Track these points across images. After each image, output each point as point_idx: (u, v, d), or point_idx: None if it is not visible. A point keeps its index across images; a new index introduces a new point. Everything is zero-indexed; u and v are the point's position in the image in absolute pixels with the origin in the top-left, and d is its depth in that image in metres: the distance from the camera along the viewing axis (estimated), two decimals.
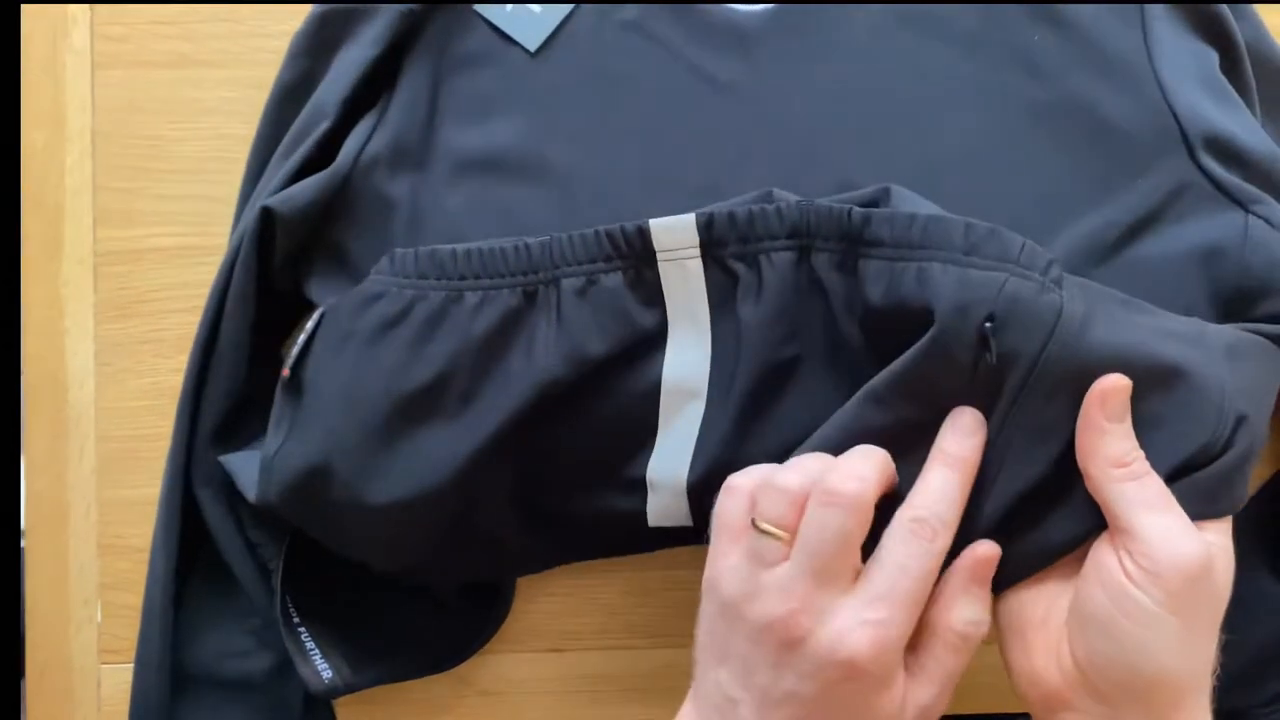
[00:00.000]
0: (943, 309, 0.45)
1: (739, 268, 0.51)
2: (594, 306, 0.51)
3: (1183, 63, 0.56)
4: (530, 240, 0.52)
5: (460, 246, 0.52)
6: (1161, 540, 0.43)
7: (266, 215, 0.55)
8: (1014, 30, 0.57)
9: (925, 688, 0.45)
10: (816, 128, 0.56)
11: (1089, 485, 0.46)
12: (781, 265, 0.50)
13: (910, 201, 0.51)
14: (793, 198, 0.52)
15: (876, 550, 0.44)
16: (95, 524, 0.61)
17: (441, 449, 0.51)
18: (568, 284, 0.51)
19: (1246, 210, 0.54)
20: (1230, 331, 0.50)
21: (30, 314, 0.61)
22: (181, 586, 0.58)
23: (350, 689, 0.57)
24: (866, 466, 0.45)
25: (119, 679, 0.60)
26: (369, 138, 0.56)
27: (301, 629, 0.56)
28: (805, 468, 0.45)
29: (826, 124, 0.56)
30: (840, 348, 0.51)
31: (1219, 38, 0.57)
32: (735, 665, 0.45)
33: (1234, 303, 0.54)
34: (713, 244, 0.51)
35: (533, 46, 0.57)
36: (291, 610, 0.56)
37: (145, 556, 0.58)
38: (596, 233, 0.51)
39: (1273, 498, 0.60)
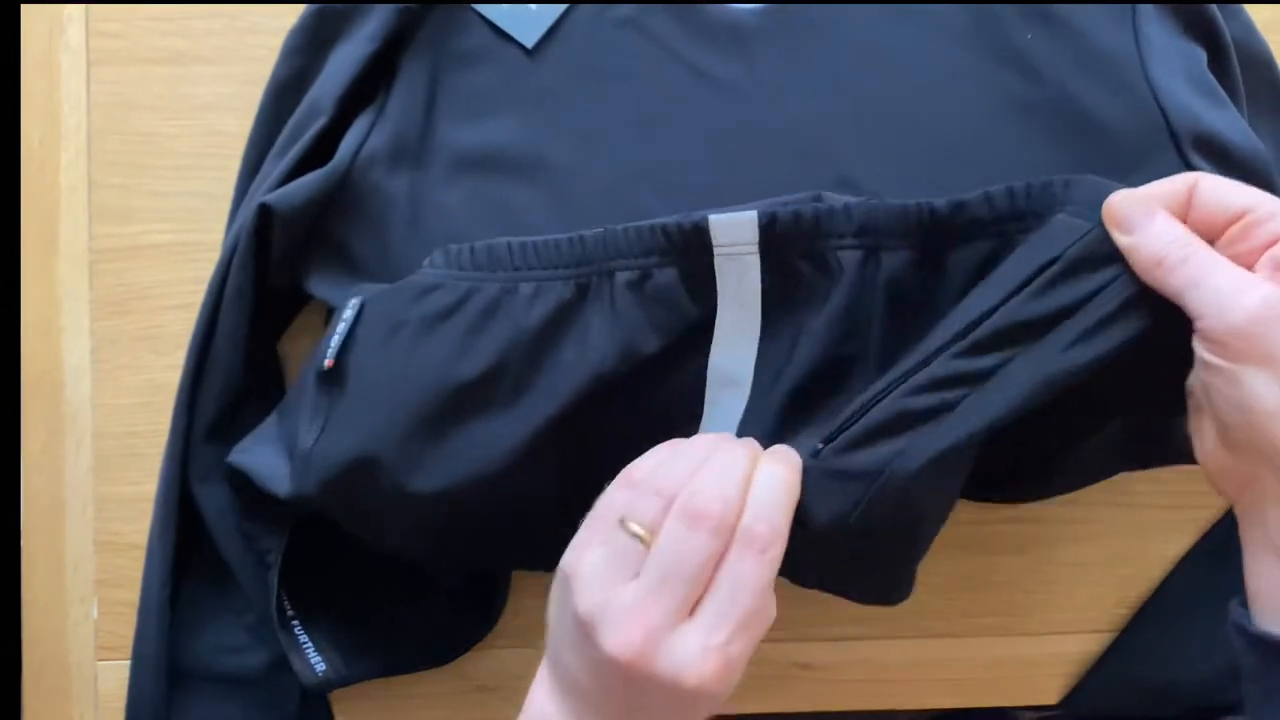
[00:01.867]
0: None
1: (804, 266, 0.51)
2: (648, 301, 0.51)
3: (1172, 62, 0.57)
4: (585, 233, 0.52)
5: (516, 240, 0.52)
6: (1212, 309, 0.42)
7: (264, 212, 0.55)
8: (1007, 29, 0.57)
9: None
10: (813, 124, 0.57)
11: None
12: (849, 264, 0.51)
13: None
14: (851, 199, 0.52)
15: (717, 569, 0.43)
16: (92, 521, 0.61)
17: (493, 438, 0.51)
18: (621, 277, 0.51)
19: None
20: None
21: (26, 311, 0.61)
22: (178, 583, 0.58)
23: (344, 682, 0.57)
24: (730, 486, 0.44)
25: (116, 676, 0.60)
26: (367, 135, 0.56)
27: (295, 622, 0.56)
28: (686, 462, 0.45)
29: (823, 120, 0.57)
30: (899, 348, 0.50)
31: (1207, 37, 0.57)
32: (586, 667, 0.43)
33: None
34: (775, 241, 0.51)
35: (530, 44, 0.57)
36: (286, 604, 0.56)
37: (142, 553, 0.58)
38: (652, 227, 0.51)
39: None
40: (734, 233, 0.51)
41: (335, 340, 0.53)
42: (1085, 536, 0.62)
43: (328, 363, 0.52)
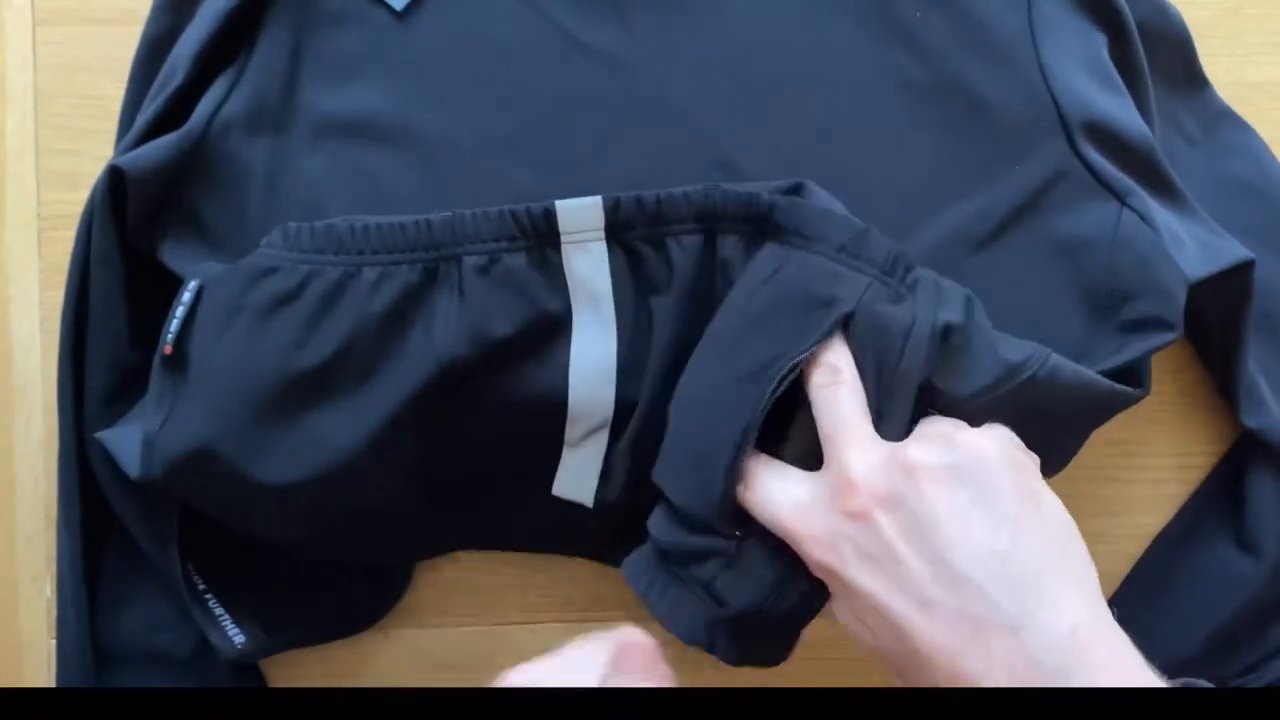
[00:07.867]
0: (816, 298, 0.47)
1: (646, 250, 0.51)
2: (497, 286, 0.50)
3: (1068, 46, 0.55)
4: (432, 216, 0.50)
5: (359, 221, 0.50)
6: None
7: (116, 175, 0.53)
8: (898, 6, 0.55)
9: None
10: (692, 100, 0.55)
11: None
12: (690, 248, 0.51)
13: (822, 199, 0.51)
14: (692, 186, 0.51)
15: None
16: (43, 497, 0.60)
17: (338, 430, 0.50)
18: (469, 262, 0.50)
19: (1122, 202, 0.54)
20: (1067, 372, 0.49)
21: None
22: (98, 563, 0.56)
23: (265, 653, 0.56)
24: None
25: None
26: (226, 97, 0.54)
27: (209, 596, 0.55)
28: None
29: (702, 97, 0.55)
30: None
31: (1108, 21, 0.56)
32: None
33: (1103, 302, 0.54)
34: (619, 227, 0.50)
35: (399, 6, 0.55)
36: (196, 579, 0.55)
37: None
38: (501, 211, 0.50)
39: (1229, 474, 0.60)
40: (581, 218, 0.50)
41: (174, 324, 0.51)
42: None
43: (166, 349, 0.51)
